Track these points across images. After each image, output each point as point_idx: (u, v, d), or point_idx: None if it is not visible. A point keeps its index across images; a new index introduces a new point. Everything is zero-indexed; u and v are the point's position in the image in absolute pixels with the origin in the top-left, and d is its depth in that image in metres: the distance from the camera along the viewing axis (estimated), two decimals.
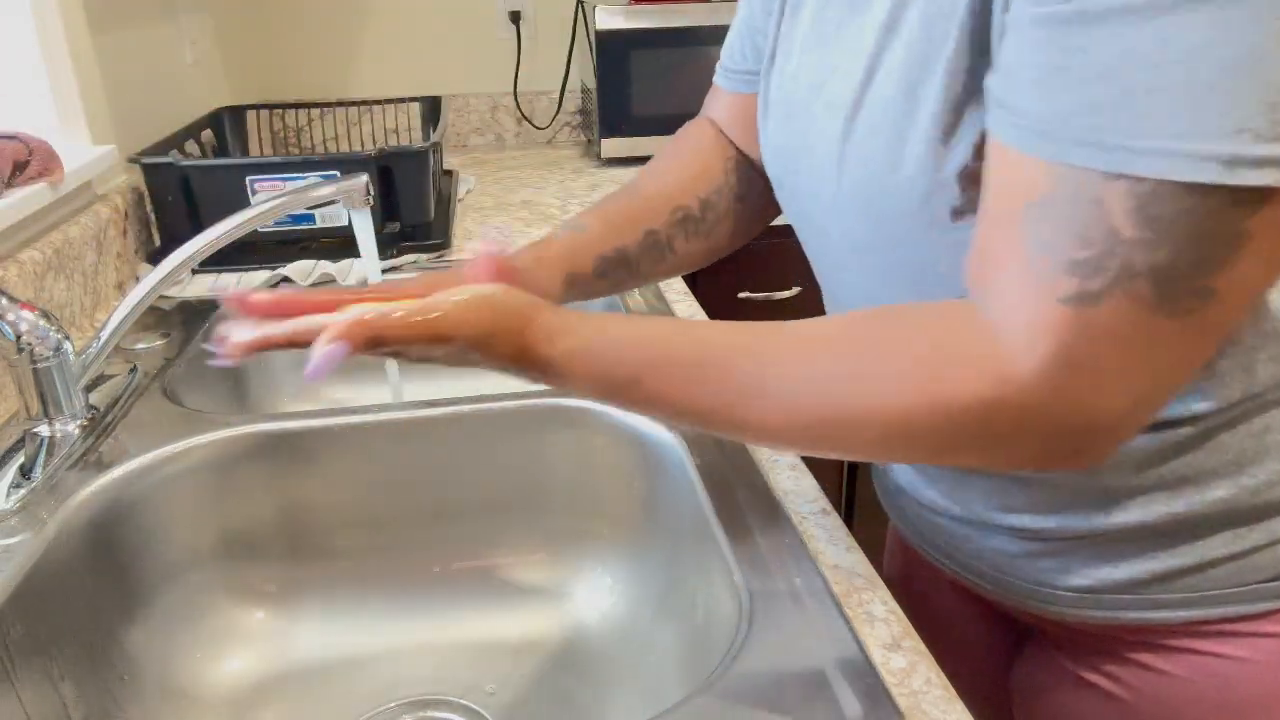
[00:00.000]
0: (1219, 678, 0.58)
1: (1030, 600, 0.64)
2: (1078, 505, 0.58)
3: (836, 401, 0.47)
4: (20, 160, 0.96)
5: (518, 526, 0.87)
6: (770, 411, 0.48)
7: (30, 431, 0.80)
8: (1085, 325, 0.41)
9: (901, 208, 0.51)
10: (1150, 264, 0.39)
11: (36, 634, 0.65)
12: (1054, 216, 0.41)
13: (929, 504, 0.68)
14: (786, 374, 0.48)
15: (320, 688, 0.79)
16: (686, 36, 1.59)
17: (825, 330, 0.50)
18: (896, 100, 0.50)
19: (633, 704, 0.74)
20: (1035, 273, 0.42)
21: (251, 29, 1.78)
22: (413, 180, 1.23)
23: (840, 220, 0.57)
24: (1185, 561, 0.57)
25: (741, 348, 0.50)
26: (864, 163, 0.52)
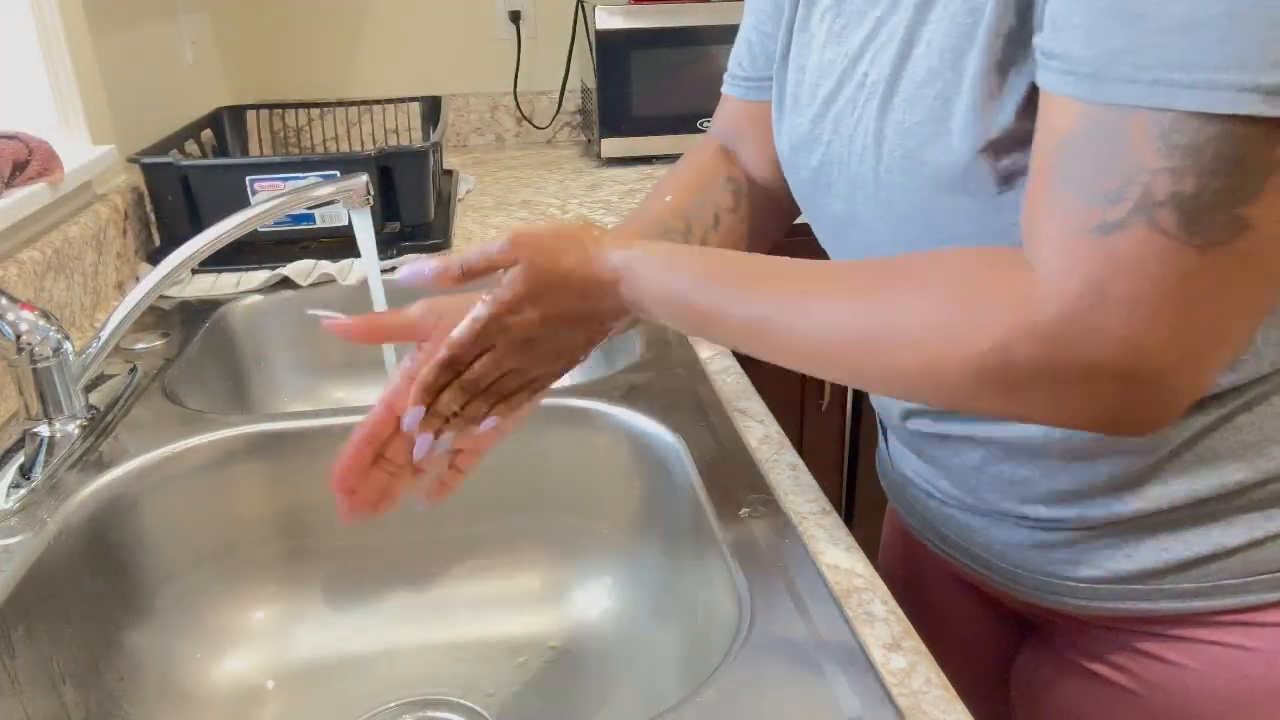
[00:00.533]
0: (1231, 668, 0.58)
1: (1040, 592, 0.63)
2: (1097, 493, 0.58)
3: (875, 322, 0.48)
4: (20, 160, 0.96)
5: (518, 526, 0.87)
6: (816, 323, 0.50)
7: (30, 431, 0.80)
8: (1107, 256, 0.41)
9: (946, 177, 0.51)
10: (1174, 192, 0.39)
11: (36, 634, 0.65)
12: (1083, 152, 0.42)
13: (940, 494, 0.67)
14: (833, 290, 0.50)
15: (320, 688, 0.79)
16: (686, 36, 1.59)
17: (874, 262, 0.51)
18: (940, 71, 0.50)
19: (633, 704, 0.74)
20: (1064, 208, 0.42)
21: (251, 29, 1.78)
22: (413, 180, 1.23)
23: (878, 199, 0.56)
24: (1199, 551, 0.56)
25: (793, 266, 0.52)
26: (906, 135, 0.53)
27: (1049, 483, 0.59)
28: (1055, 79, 0.43)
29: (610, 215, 1.40)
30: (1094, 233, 0.41)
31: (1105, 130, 0.41)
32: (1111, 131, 0.41)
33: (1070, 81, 0.42)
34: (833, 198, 0.61)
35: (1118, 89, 0.40)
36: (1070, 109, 0.42)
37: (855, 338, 0.48)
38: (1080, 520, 0.59)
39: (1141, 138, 0.40)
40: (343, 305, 1.15)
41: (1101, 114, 0.41)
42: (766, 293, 0.52)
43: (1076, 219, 0.42)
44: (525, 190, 1.56)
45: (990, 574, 0.66)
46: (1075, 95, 0.42)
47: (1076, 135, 0.42)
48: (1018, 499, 0.61)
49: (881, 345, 0.47)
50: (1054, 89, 0.43)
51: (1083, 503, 0.58)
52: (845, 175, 0.59)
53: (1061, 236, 0.42)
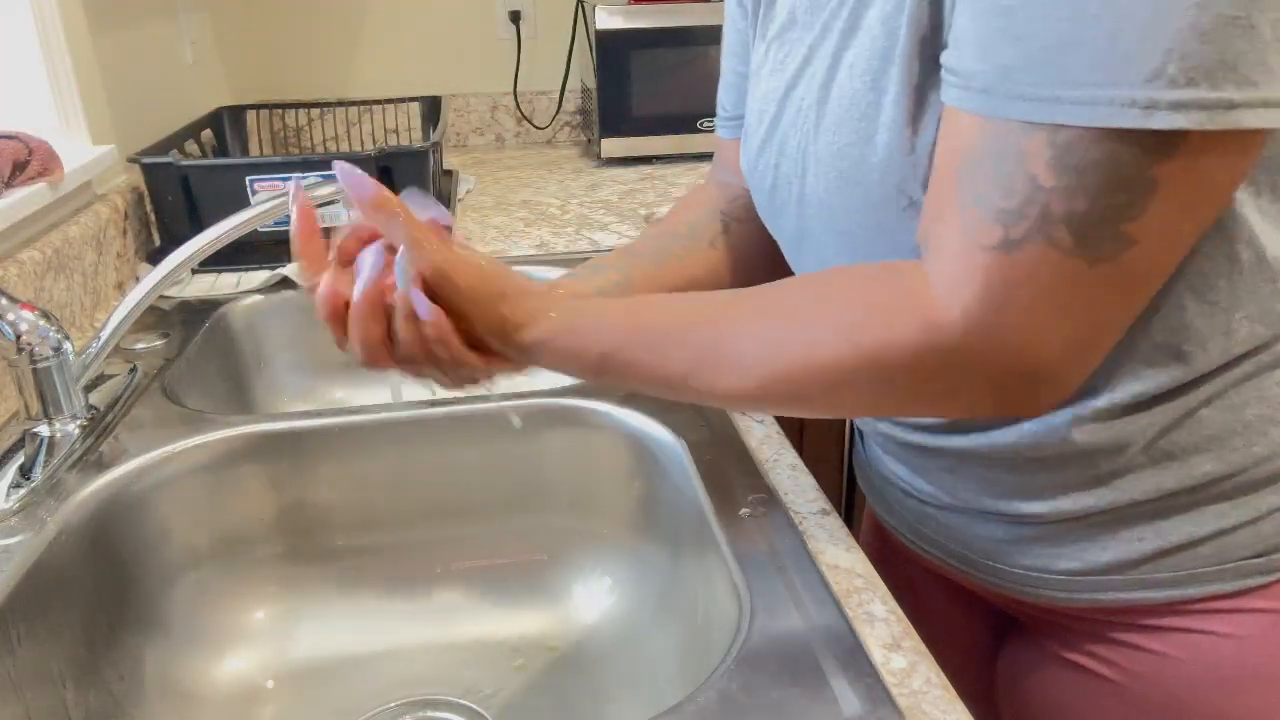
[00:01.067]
0: (1209, 655, 0.59)
1: (1020, 586, 0.64)
2: (1067, 488, 0.59)
3: (783, 358, 0.51)
4: (20, 160, 0.96)
5: (518, 526, 0.87)
6: (727, 375, 0.52)
7: (30, 431, 0.80)
8: (1007, 270, 0.44)
9: (877, 195, 0.53)
10: (1068, 211, 0.42)
11: (37, 634, 0.65)
12: (983, 169, 0.44)
13: (917, 493, 0.68)
14: (739, 336, 0.52)
15: (320, 688, 0.79)
16: (686, 36, 1.59)
17: (777, 293, 0.53)
18: (861, 93, 0.52)
19: (633, 704, 0.74)
20: (965, 223, 0.45)
21: (251, 29, 1.78)
22: (413, 180, 1.23)
23: (821, 218, 0.58)
24: (1171, 541, 0.58)
25: (701, 316, 0.54)
26: (837, 157, 0.55)
27: (1022, 481, 0.60)
28: (954, 94, 0.46)
29: (610, 215, 1.40)
30: (996, 249, 0.44)
31: (1003, 146, 0.43)
32: (1009, 148, 0.43)
33: (966, 96, 0.45)
34: (786, 218, 0.63)
35: (1010, 105, 0.43)
36: (969, 124, 0.45)
37: (763, 382, 0.51)
38: (1054, 514, 0.60)
39: (1037, 155, 0.42)
40: None
41: (999, 129, 0.43)
42: (679, 348, 0.54)
43: (977, 235, 0.44)
44: (525, 190, 1.56)
45: (970, 570, 0.67)
46: (973, 110, 0.45)
47: (976, 150, 0.44)
48: (993, 496, 0.62)
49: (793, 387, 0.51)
50: (954, 103, 0.46)
51: (1056, 498, 0.59)
52: (793, 196, 0.61)
53: (962, 251, 0.45)
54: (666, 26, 1.59)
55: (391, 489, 0.85)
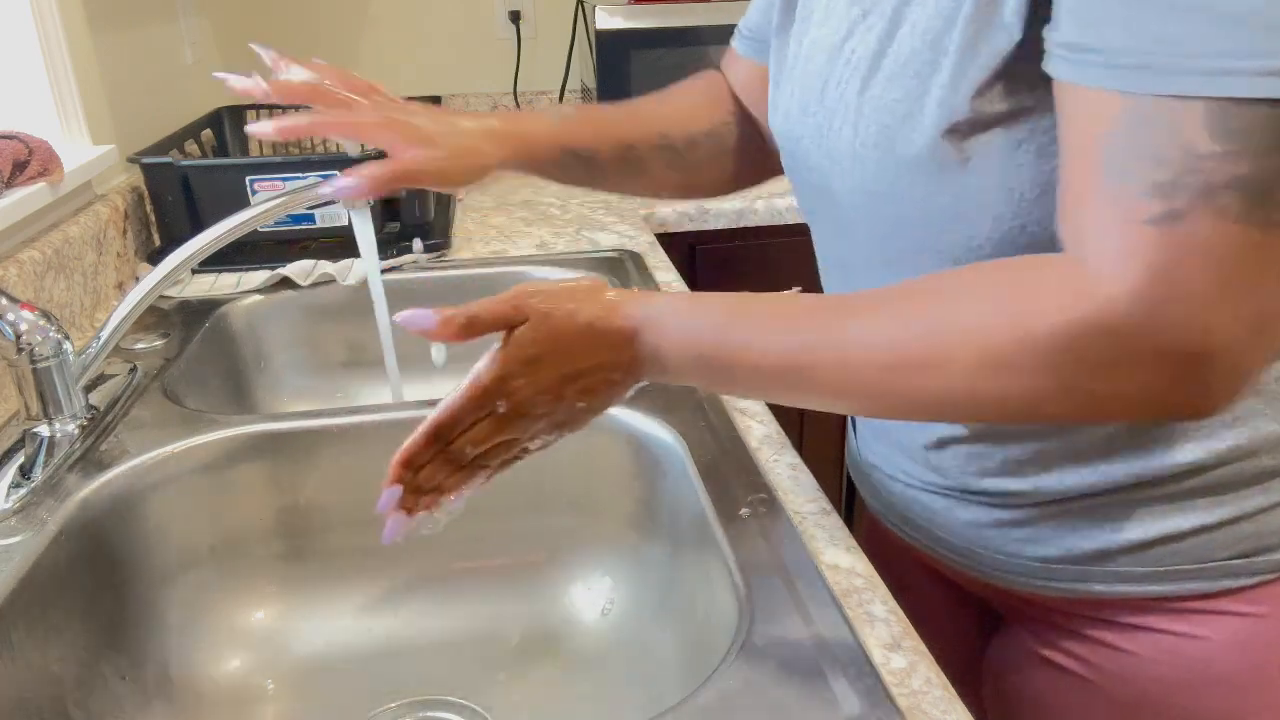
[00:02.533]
0: (1181, 656, 0.59)
1: (1000, 572, 0.65)
2: (1050, 464, 0.59)
3: (920, 337, 0.46)
4: (20, 160, 0.96)
5: (518, 526, 0.87)
6: (852, 353, 0.48)
7: (30, 431, 0.80)
8: (1172, 243, 0.41)
9: (914, 155, 0.52)
10: (1232, 176, 0.40)
11: (36, 634, 0.65)
12: (1131, 144, 0.42)
13: (904, 477, 0.69)
14: (875, 311, 0.48)
15: (320, 688, 0.79)
16: (686, 36, 1.59)
17: (899, 287, 0.49)
18: (920, 51, 0.52)
19: (633, 704, 0.74)
20: (1116, 201, 0.42)
21: (251, 29, 1.78)
22: None
23: (852, 174, 0.57)
24: (1152, 533, 0.58)
25: (820, 302, 0.51)
26: (882, 111, 0.54)
27: (1004, 453, 0.60)
28: (1091, 72, 0.43)
29: (610, 215, 1.40)
30: (1155, 222, 0.41)
31: (1154, 121, 0.41)
32: (1161, 122, 0.41)
33: (1113, 74, 0.42)
34: (811, 170, 0.62)
35: (1168, 80, 0.40)
36: (1111, 102, 0.42)
37: (909, 354, 0.46)
38: (1036, 494, 0.60)
39: (1194, 126, 0.40)
40: (343, 305, 1.15)
41: (1148, 105, 0.41)
42: (805, 322, 0.50)
43: (1133, 210, 0.42)
44: (525, 190, 1.56)
45: (954, 556, 0.68)
46: (1119, 88, 0.42)
47: (1123, 128, 0.42)
48: (976, 473, 0.62)
49: (940, 357, 0.46)
50: (1088, 82, 0.43)
51: (1038, 475, 0.59)
52: (823, 149, 0.60)
53: (1119, 229, 0.42)
54: (666, 26, 1.59)
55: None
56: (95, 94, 1.17)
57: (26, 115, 1.09)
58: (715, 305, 0.52)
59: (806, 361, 0.49)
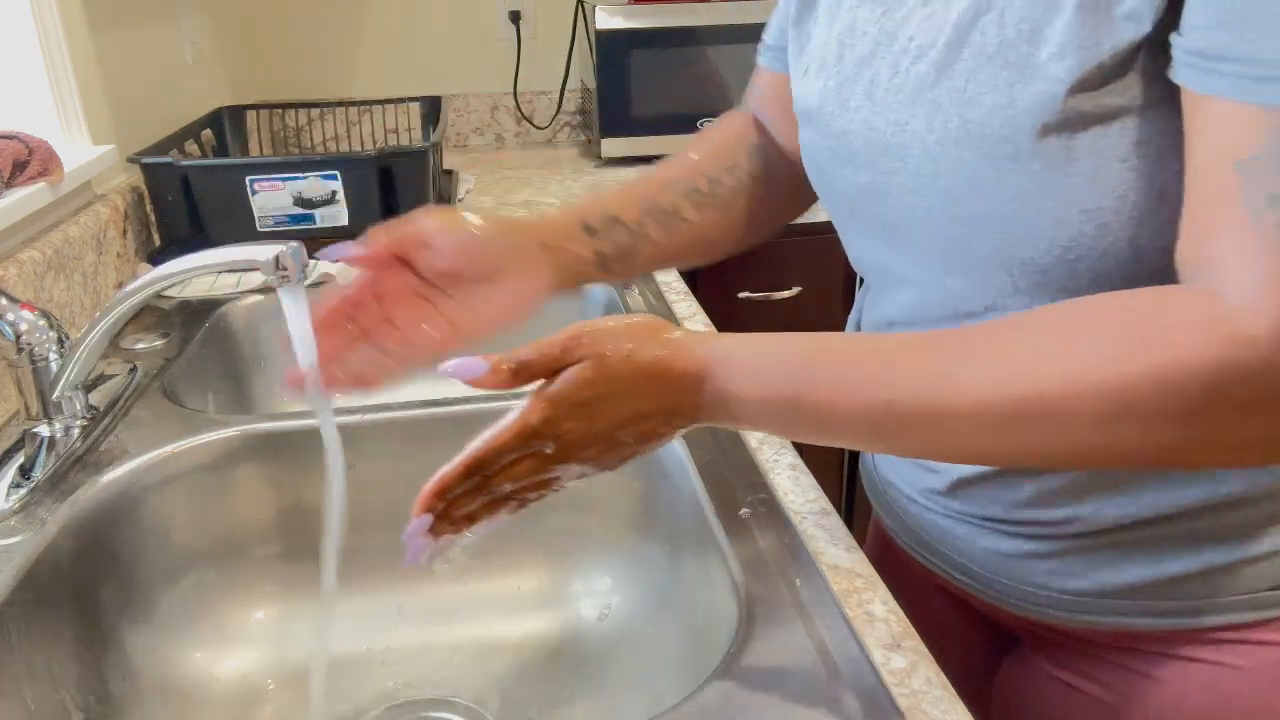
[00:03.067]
0: (1211, 686, 0.57)
1: (1024, 604, 0.62)
2: (1084, 496, 0.56)
3: (1039, 387, 0.42)
4: (20, 160, 0.96)
5: (518, 526, 0.87)
6: (965, 395, 0.43)
7: (30, 431, 0.80)
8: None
9: (1009, 151, 0.48)
10: None
11: (36, 634, 0.65)
12: (1274, 166, 0.38)
13: (925, 500, 0.66)
14: (973, 362, 0.44)
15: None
16: (686, 36, 1.59)
17: (1008, 321, 0.45)
18: (1015, 43, 0.47)
19: (633, 704, 0.74)
20: (1258, 229, 0.38)
21: (251, 29, 1.78)
22: (413, 180, 1.23)
23: (920, 171, 0.53)
24: (1188, 568, 0.55)
25: (914, 341, 0.46)
26: (967, 105, 0.49)
27: (1036, 484, 0.57)
28: (1228, 84, 0.40)
29: None
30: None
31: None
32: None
33: (1255, 88, 0.39)
34: (856, 168, 0.57)
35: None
36: (1252, 118, 0.39)
37: (1023, 405, 0.42)
38: (1068, 525, 0.57)
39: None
40: None
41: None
42: (900, 365, 0.45)
43: (1277, 242, 0.38)
44: (525, 190, 1.56)
45: (972, 583, 0.65)
46: (1262, 103, 0.38)
47: (1266, 148, 0.39)
48: (1005, 503, 0.59)
49: (1067, 406, 0.41)
50: (1226, 94, 0.40)
51: (1070, 505, 0.57)
52: (877, 145, 0.55)
53: (1262, 261, 0.38)
54: (666, 26, 1.59)
55: (391, 489, 0.85)
56: (95, 94, 1.17)
57: (26, 115, 1.09)
58: (794, 346, 0.48)
59: (905, 410, 0.45)
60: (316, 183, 1.19)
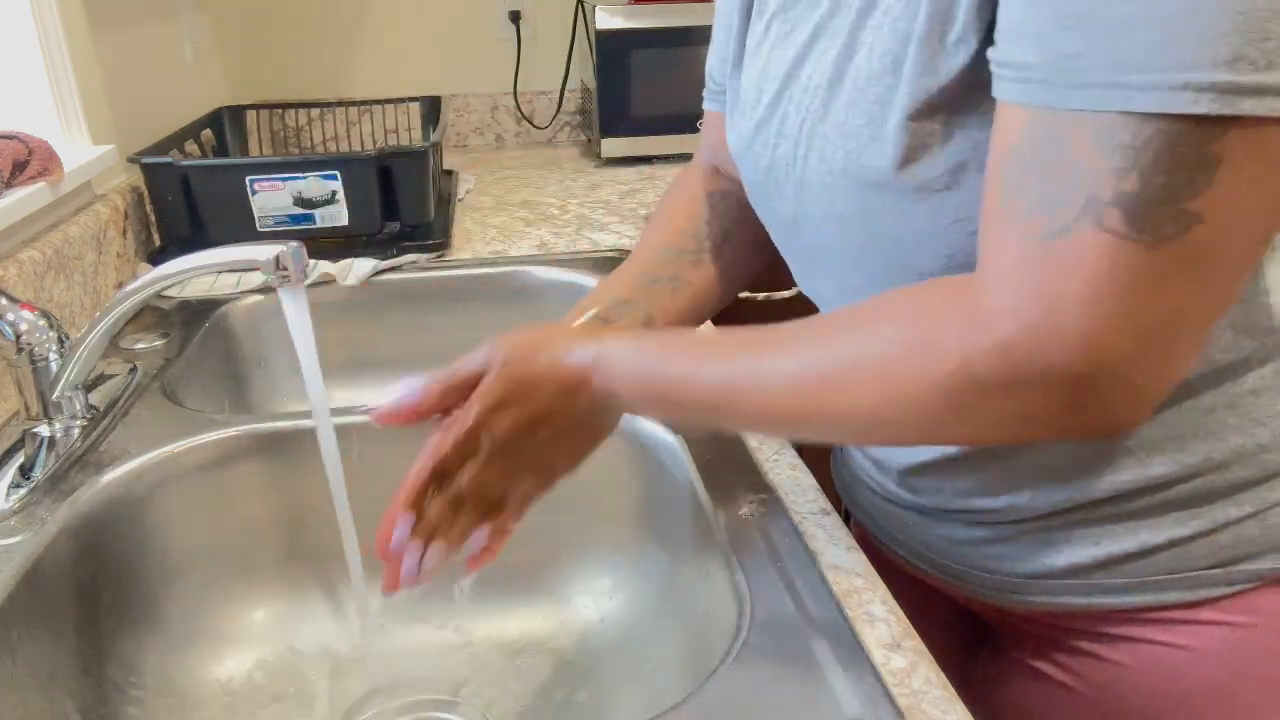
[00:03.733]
0: (1165, 665, 0.59)
1: (981, 588, 0.65)
2: (1022, 485, 0.59)
3: (827, 368, 0.48)
4: (20, 160, 0.96)
5: (518, 526, 0.87)
6: (780, 375, 0.50)
7: (30, 431, 0.80)
8: (1056, 259, 0.41)
9: (883, 178, 0.52)
10: (1117, 193, 0.39)
11: (36, 634, 0.65)
12: (1028, 160, 0.42)
13: (884, 493, 0.69)
14: (791, 342, 0.51)
15: (320, 688, 0.79)
16: (686, 36, 1.59)
17: (829, 314, 0.53)
18: (881, 75, 0.51)
19: (633, 704, 0.74)
20: (1008, 218, 0.42)
21: (251, 29, 1.78)
22: (413, 180, 1.23)
23: (822, 201, 0.57)
24: (1126, 547, 0.57)
25: (752, 331, 0.53)
26: (846, 137, 0.53)
27: (975, 476, 0.60)
28: (1008, 88, 0.43)
29: (610, 215, 1.40)
30: (1043, 239, 0.41)
31: (1049, 136, 0.41)
32: (1055, 137, 0.41)
33: (1022, 89, 0.42)
34: (782, 200, 0.61)
35: (1064, 94, 0.40)
36: (1018, 117, 0.42)
37: (819, 382, 0.49)
38: (1011, 511, 0.60)
39: (1084, 141, 0.40)
40: (343, 305, 1.15)
41: (1046, 120, 0.41)
42: (728, 356, 0.53)
43: (1025, 228, 0.42)
44: (525, 190, 1.56)
45: (934, 570, 0.68)
46: (1024, 103, 0.42)
47: (1023, 143, 0.42)
48: (950, 493, 0.62)
49: (845, 384, 0.48)
50: (1007, 98, 0.43)
51: (1011, 493, 0.59)
52: (791, 178, 0.59)
53: (1011, 247, 0.42)
54: (666, 26, 1.59)
55: (391, 489, 0.85)
56: (95, 94, 1.17)
57: (26, 115, 1.09)
58: (652, 341, 0.56)
59: (733, 393, 0.52)
60: (316, 183, 1.18)
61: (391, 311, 1.17)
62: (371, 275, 1.16)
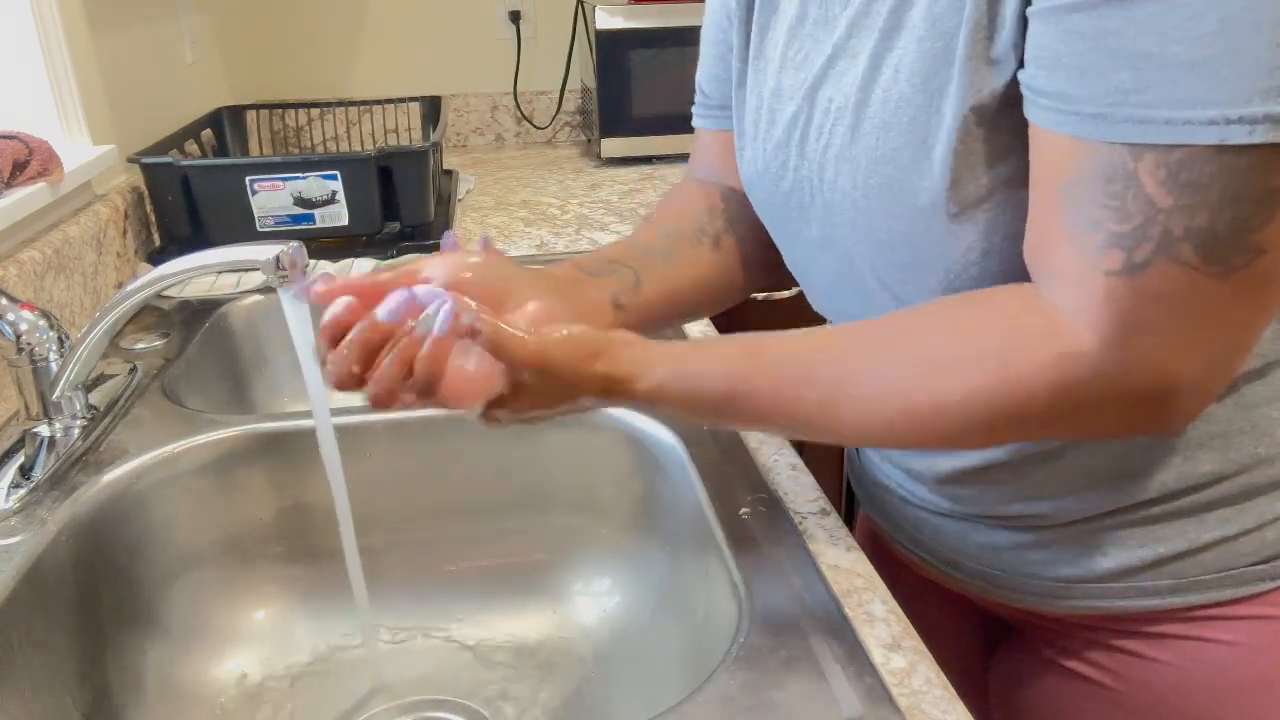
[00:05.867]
0: (1207, 662, 0.58)
1: (1018, 594, 0.64)
2: (1069, 487, 0.58)
3: (915, 392, 0.49)
4: (20, 160, 0.96)
5: (518, 526, 0.87)
6: (854, 411, 0.51)
7: (30, 431, 0.80)
8: (1137, 294, 0.43)
9: (925, 201, 0.51)
10: (1189, 228, 0.41)
11: (37, 633, 0.65)
12: (1092, 193, 0.43)
13: (916, 500, 0.68)
14: (865, 371, 0.51)
15: (320, 688, 0.79)
16: (686, 36, 1.59)
17: (896, 326, 0.52)
18: (910, 96, 0.50)
19: (633, 704, 0.74)
20: (1082, 250, 0.44)
21: (251, 29, 1.78)
22: (413, 180, 1.23)
23: (856, 224, 0.56)
24: (1174, 548, 0.57)
25: (826, 352, 0.52)
26: (883, 162, 0.53)
27: (1020, 481, 0.60)
28: (1052, 118, 0.44)
29: (610, 215, 1.40)
30: (1120, 273, 0.43)
31: (1114, 171, 0.42)
32: (1121, 172, 0.42)
33: (1072, 121, 0.43)
34: (808, 222, 0.60)
35: (1124, 129, 0.42)
36: (1074, 148, 0.43)
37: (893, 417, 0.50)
38: (1056, 516, 0.60)
39: (1151, 177, 0.41)
40: None
41: (1108, 154, 0.42)
42: (804, 392, 0.52)
43: (1097, 261, 0.44)
44: (525, 190, 1.56)
45: (964, 576, 0.67)
46: (1079, 135, 0.43)
47: (1085, 175, 0.43)
48: (994, 500, 0.62)
49: (926, 422, 0.49)
50: (1052, 128, 0.44)
51: (1057, 497, 0.59)
52: (819, 201, 0.58)
53: (1085, 277, 0.44)
54: (666, 26, 1.59)
55: (391, 489, 0.85)
56: (95, 94, 1.17)
57: (26, 115, 1.09)
58: (712, 380, 0.53)
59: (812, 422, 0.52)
60: (316, 183, 1.19)
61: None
62: None
